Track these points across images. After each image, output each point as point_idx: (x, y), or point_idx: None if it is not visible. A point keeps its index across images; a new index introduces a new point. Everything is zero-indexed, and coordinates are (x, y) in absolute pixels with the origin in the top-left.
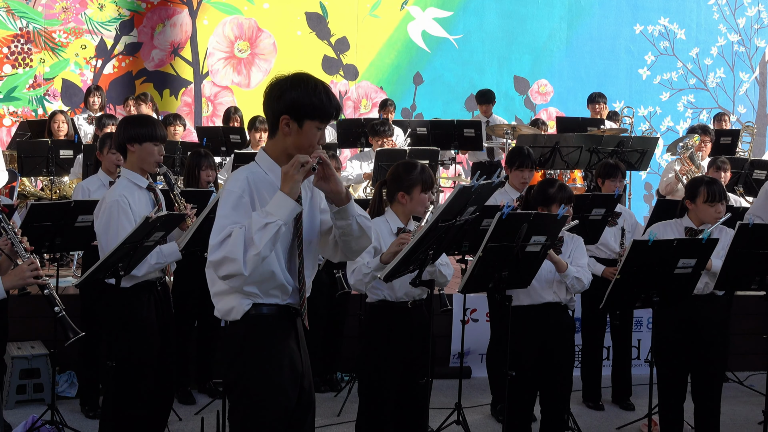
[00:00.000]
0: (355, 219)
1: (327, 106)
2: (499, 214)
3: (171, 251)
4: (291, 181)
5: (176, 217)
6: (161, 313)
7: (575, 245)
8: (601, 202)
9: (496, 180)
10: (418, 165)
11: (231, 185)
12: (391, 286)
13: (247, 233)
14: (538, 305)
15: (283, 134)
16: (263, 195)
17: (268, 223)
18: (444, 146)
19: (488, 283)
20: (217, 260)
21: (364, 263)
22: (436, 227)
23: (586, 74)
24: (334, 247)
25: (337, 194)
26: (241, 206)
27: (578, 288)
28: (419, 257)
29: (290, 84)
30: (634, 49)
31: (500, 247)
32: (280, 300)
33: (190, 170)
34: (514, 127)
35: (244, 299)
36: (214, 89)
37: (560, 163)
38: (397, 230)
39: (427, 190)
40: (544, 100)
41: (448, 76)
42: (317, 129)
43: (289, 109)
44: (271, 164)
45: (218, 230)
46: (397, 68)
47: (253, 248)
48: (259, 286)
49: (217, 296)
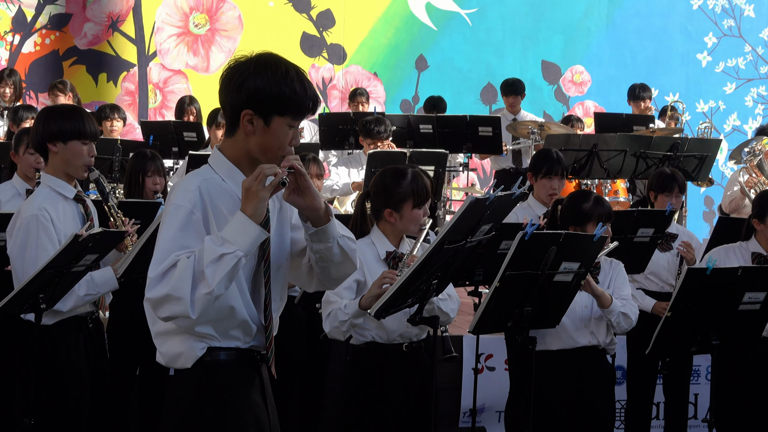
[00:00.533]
0: (337, 241)
1: (301, 97)
2: (520, 234)
3: (105, 279)
4: (255, 199)
5: (113, 235)
6: (93, 357)
7: (615, 272)
8: (650, 221)
9: (518, 191)
10: (408, 173)
11: (178, 197)
12: (381, 324)
13: (196, 265)
14: (570, 350)
15: (245, 133)
16: (220, 210)
17: (225, 254)
18: (454, 148)
19: (507, 321)
20: (158, 298)
21: (340, 306)
22: (441, 250)
23: (631, 60)
24: (309, 273)
25: (313, 211)
26: (191, 226)
27: (625, 327)
28: (420, 287)
29: (254, 69)
30: (692, 29)
31: (522, 275)
32: (242, 342)
33: (132, 176)
34: (542, 125)
35: (196, 342)
36: (164, 74)
37: (599, 171)
38: (386, 255)
39: (420, 205)
40: (579, 92)
41: (460, 60)
42: (288, 127)
43: (253, 102)
44: (230, 169)
45: (160, 258)
46: (395, 50)
47: (203, 285)
48: (215, 325)
49: (160, 337)
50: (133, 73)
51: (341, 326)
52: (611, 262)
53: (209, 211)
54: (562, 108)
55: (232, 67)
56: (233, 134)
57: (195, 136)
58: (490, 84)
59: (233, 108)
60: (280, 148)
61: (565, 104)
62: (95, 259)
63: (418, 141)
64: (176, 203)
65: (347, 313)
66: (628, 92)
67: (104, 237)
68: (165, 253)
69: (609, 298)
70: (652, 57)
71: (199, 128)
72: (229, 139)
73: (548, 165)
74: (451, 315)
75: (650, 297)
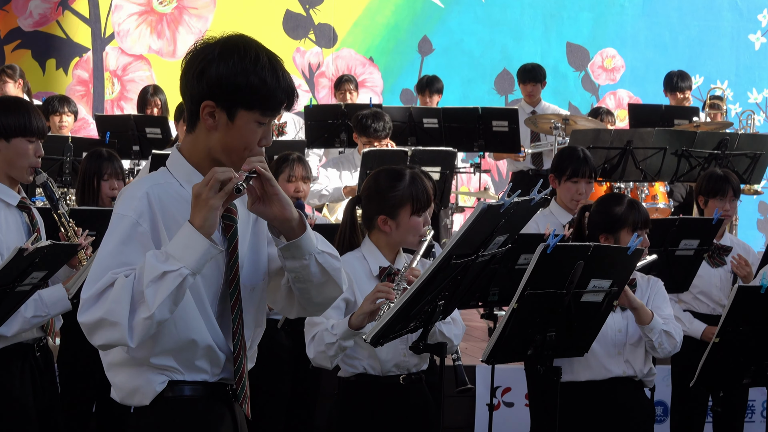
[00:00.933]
0: (314, 258)
1: (272, 89)
2: (542, 246)
3: (56, 299)
4: (204, 208)
5: (63, 248)
6: (41, 391)
7: (653, 291)
8: (694, 231)
9: (538, 196)
10: (406, 173)
11: (122, 206)
12: (373, 353)
13: (136, 285)
14: (602, 381)
15: (205, 128)
16: (174, 220)
17: (168, 272)
18: (464, 146)
19: (527, 348)
20: (91, 323)
21: (326, 327)
22: (449, 265)
23: (671, 42)
24: (288, 295)
25: (283, 222)
26: (134, 239)
27: (668, 349)
28: (424, 309)
29: (219, 54)
30: (743, 5)
31: (544, 295)
32: (209, 375)
33: (85, 180)
34: (566, 119)
35: (155, 375)
36: (123, 59)
37: (633, 173)
38: (380, 271)
39: (420, 211)
40: (610, 80)
41: (470, 42)
42: (257, 124)
43: (215, 92)
44: (188, 172)
45: (96, 276)
46: (394, 30)
47: (143, 309)
48: (176, 355)
49: (113, 369)
50: (86, 59)
51: (328, 350)
52: (649, 279)
53: (159, 222)
54: (590, 98)
55: (194, 51)
56: (193, 130)
57: (159, 133)
58: (506, 71)
59: (193, 99)
60: (246, 148)
61: (593, 94)
62: (43, 276)
63: (421, 137)
64: (119, 212)
65: (335, 334)
66: (664, 81)
67: (54, 251)
68: (102, 270)
69: (649, 312)
70: (696, 38)
71: (164, 123)
72: (189, 136)
73: (574, 166)
74: (455, 342)
75: (699, 321)
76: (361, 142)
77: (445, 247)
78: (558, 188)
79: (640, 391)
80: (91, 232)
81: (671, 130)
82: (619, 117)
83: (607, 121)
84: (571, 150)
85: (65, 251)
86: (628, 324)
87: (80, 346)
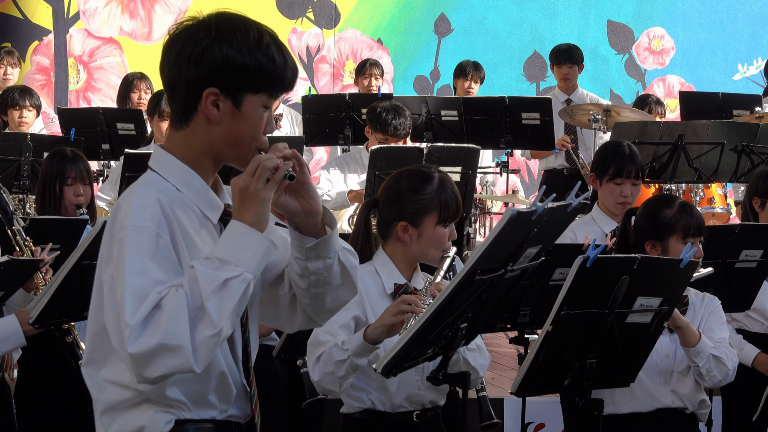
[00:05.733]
0: (338, 256)
1: (281, 68)
2: (580, 259)
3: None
4: (255, 201)
5: (22, 266)
6: None
7: (708, 309)
8: (757, 239)
9: (575, 201)
10: (435, 176)
11: (135, 216)
12: (383, 385)
13: (191, 300)
14: (648, 413)
15: (206, 121)
16: (186, 231)
17: (229, 279)
18: (488, 142)
19: (563, 378)
20: (146, 352)
21: (336, 344)
22: (473, 282)
23: (729, 21)
24: (291, 306)
25: (311, 216)
26: (161, 252)
27: (718, 377)
28: (443, 333)
29: (217, 34)
30: None
31: (583, 315)
32: (218, 412)
33: (46, 184)
34: (608, 110)
35: (161, 413)
36: (90, 43)
37: (686, 172)
38: (395, 289)
39: (447, 221)
40: (658, 64)
41: (495, 21)
42: (264, 108)
43: (220, 78)
44: (184, 174)
45: (136, 301)
46: (406, 8)
47: (204, 326)
48: (188, 386)
49: (110, 414)
50: (47, 43)
51: (337, 369)
52: (704, 297)
53: (177, 233)
54: (635, 86)
55: (182, 32)
56: (187, 124)
57: (133, 129)
58: (537, 54)
59: (190, 87)
60: (254, 137)
61: (639, 80)
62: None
63: (438, 132)
64: (134, 224)
65: (346, 350)
66: None
67: (10, 269)
68: (139, 292)
69: (697, 333)
70: (758, 15)
71: (138, 117)
72: (179, 132)
73: (617, 164)
74: (481, 372)
75: (751, 345)
76: (376, 138)
77: (469, 261)
78: (599, 190)
79: (693, 425)
80: (55, 246)
81: (730, 123)
82: (669, 107)
83: (655, 112)
84: (615, 146)
85: (24, 269)
86: (676, 348)
87: (40, 380)
